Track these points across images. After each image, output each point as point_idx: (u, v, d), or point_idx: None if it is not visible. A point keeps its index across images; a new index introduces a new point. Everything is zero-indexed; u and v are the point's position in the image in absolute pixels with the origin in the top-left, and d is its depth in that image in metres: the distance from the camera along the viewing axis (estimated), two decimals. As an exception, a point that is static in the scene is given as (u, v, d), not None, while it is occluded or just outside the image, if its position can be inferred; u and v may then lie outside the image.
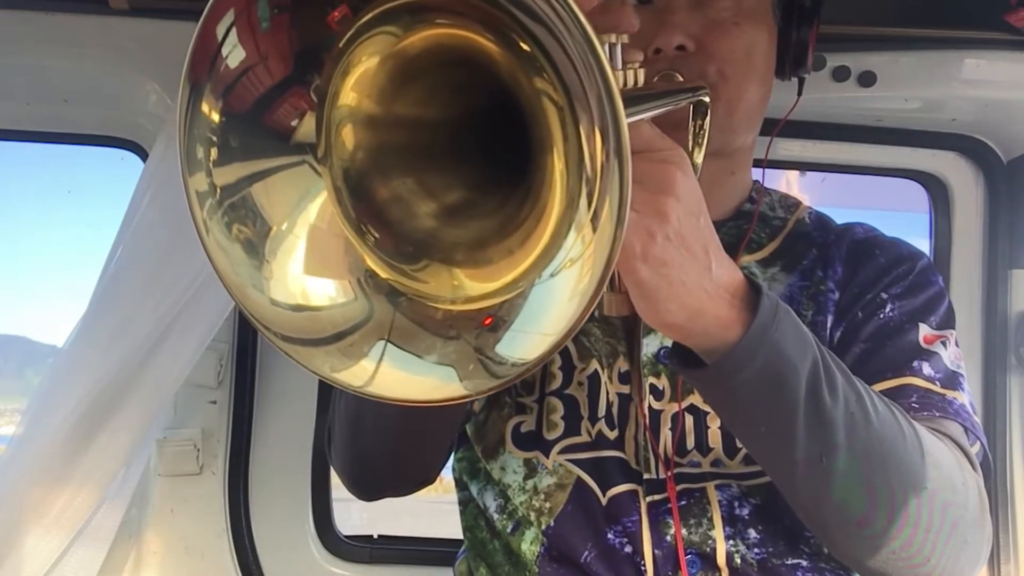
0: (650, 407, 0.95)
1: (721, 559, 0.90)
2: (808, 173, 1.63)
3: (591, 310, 0.50)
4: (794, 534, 0.91)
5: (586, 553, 0.92)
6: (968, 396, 0.92)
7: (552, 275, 0.52)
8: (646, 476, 0.93)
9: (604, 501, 0.94)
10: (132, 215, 1.39)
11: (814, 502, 0.80)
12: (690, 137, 0.88)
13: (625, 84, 0.67)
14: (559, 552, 0.94)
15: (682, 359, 0.76)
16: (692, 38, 0.93)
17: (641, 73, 0.70)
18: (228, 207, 0.55)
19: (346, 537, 1.58)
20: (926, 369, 0.91)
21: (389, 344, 0.56)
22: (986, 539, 0.85)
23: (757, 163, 1.11)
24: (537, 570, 0.94)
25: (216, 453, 1.52)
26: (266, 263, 0.56)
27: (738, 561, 0.90)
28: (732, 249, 1.00)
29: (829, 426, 0.75)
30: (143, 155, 1.51)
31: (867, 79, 1.39)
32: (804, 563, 0.91)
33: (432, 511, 1.73)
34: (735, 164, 1.04)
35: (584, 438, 0.97)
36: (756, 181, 1.10)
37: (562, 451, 0.97)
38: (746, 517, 0.91)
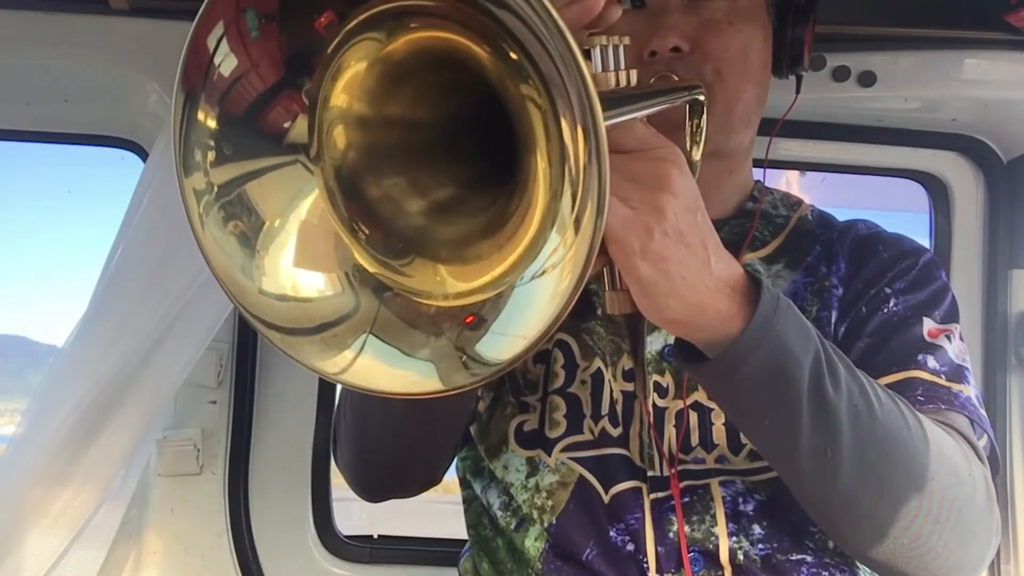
0: (654, 404, 0.95)
1: (724, 556, 0.90)
2: (808, 173, 1.63)
3: (567, 311, 0.51)
4: (799, 530, 0.91)
5: (588, 551, 0.93)
6: (974, 390, 0.93)
7: (534, 276, 0.53)
8: (650, 473, 0.93)
9: (606, 499, 0.94)
10: (132, 215, 1.39)
11: (820, 495, 0.80)
12: (687, 136, 0.89)
13: (618, 84, 0.68)
14: (563, 549, 0.94)
15: (685, 355, 0.76)
16: (687, 39, 0.93)
17: (634, 74, 0.71)
18: (224, 203, 0.57)
19: (346, 537, 1.58)
20: (931, 363, 0.91)
21: (371, 336, 0.57)
22: (994, 530, 0.86)
23: (757, 163, 1.11)
24: (541, 567, 0.94)
25: (216, 453, 1.52)
26: (258, 254, 0.58)
27: (741, 558, 0.90)
28: (735, 247, 1.01)
29: (833, 418, 0.75)
30: (143, 155, 1.51)
31: (867, 79, 1.39)
32: (808, 559, 0.91)
33: (432, 511, 1.73)
34: (734, 163, 1.05)
35: (587, 436, 0.97)
36: (758, 181, 1.11)
37: (564, 449, 0.97)
38: (750, 513, 0.91)
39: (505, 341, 0.54)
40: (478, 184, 0.63)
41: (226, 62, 0.54)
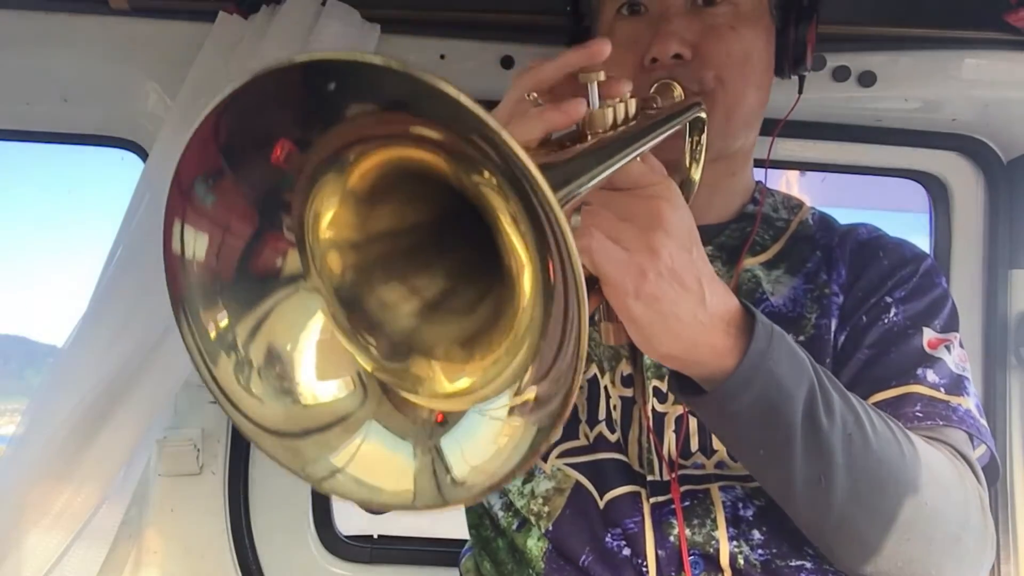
0: (654, 410, 0.95)
1: (724, 560, 0.90)
2: (808, 173, 1.63)
3: (510, 480, 0.50)
4: (798, 536, 0.90)
5: (584, 556, 0.93)
6: (974, 399, 0.92)
7: (480, 413, 0.53)
8: (650, 478, 0.93)
9: (602, 504, 0.94)
10: (132, 215, 1.39)
11: (814, 519, 0.81)
12: (687, 154, 0.88)
13: (615, 119, 0.67)
14: (561, 552, 0.94)
15: (681, 386, 0.76)
16: (688, 45, 0.93)
17: (632, 103, 0.70)
18: (253, 361, 0.56)
19: (346, 537, 1.58)
20: (930, 376, 0.91)
21: (374, 422, 0.57)
22: (988, 546, 0.86)
23: (759, 163, 1.11)
24: (543, 566, 0.95)
25: (216, 453, 1.52)
26: (288, 381, 0.57)
27: (741, 562, 0.90)
28: (735, 252, 1.01)
29: (827, 449, 0.75)
30: (143, 155, 1.51)
31: (867, 79, 1.39)
32: (808, 564, 0.91)
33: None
34: (735, 166, 1.04)
35: (582, 442, 0.97)
36: (759, 182, 1.10)
37: (560, 455, 0.97)
38: (750, 518, 0.91)
39: (458, 454, 0.53)
40: (472, 275, 0.62)
41: (197, 246, 0.52)
